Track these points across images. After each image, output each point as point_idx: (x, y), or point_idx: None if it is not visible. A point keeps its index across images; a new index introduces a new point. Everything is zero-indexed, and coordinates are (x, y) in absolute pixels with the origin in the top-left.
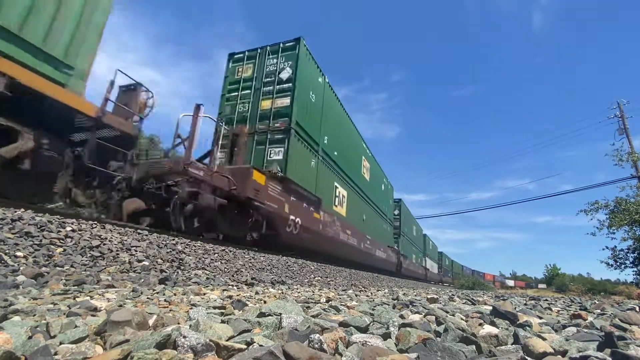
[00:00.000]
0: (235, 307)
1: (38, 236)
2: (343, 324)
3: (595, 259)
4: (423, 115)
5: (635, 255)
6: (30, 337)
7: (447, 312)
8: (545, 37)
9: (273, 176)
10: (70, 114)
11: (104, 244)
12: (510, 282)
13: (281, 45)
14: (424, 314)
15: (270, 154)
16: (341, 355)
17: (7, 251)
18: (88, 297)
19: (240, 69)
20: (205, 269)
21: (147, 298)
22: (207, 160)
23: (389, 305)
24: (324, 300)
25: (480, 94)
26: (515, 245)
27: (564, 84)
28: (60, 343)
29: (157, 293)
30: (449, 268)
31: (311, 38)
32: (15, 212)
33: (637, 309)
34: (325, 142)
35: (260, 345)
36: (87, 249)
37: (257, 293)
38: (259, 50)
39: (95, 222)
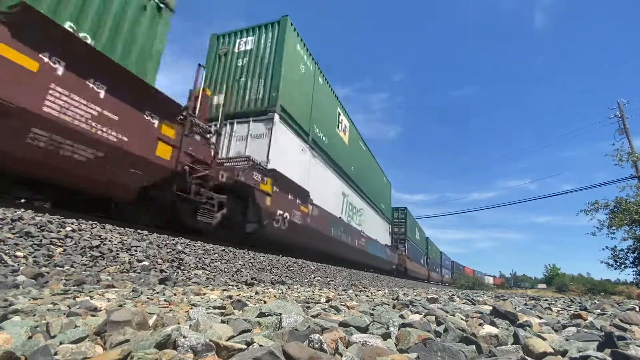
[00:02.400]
0: (235, 307)
1: (38, 236)
2: (343, 324)
3: (595, 259)
4: (424, 115)
5: (635, 255)
6: (30, 337)
7: (447, 312)
8: (547, 37)
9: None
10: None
11: (104, 244)
12: (490, 279)
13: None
14: (424, 314)
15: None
16: (341, 355)
17: (7, 251)
18: (88, 297)
19: None
20: (205, 269)
21: (147, 298)
22: None
23: (389, 305)
24: (324, 300)
25: (481, 94)
26: (515, 245)
27: (564, 84)
28: (60, 343)
29: (157, 293)
30: (424, 250)
31: (311, 37)
32: (15, 212)
33: (637, 309)
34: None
35: (260, 345)
36: (87, 249)
37: (257, 293)
38: None
39: (95, 222)
